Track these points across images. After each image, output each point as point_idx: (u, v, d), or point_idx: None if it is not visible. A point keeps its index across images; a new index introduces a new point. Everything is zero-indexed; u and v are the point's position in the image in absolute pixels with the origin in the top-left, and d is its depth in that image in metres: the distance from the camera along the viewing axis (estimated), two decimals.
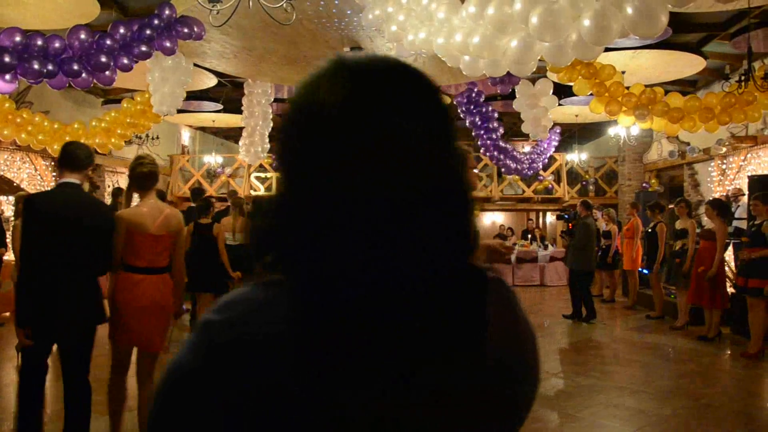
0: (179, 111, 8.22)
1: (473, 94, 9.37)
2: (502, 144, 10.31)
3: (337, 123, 0.61)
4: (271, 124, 9.69)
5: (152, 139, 11.90)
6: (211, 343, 0.60)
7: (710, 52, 8.15)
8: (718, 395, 4.74)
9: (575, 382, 5.15)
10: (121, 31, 5.78)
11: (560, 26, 3.65)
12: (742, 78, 6.17)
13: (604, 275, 10.19)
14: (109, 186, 11.18)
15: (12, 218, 8.02)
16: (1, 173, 8.99)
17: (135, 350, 3.26)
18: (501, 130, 10.01)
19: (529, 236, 13.70)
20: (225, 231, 6.27)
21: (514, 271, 12.18)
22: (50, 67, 5.62)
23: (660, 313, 8.35)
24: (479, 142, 10.09)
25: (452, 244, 0.63)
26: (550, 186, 13.66)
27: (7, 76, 5.56)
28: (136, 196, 3.31)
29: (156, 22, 5.74)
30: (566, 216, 8.76)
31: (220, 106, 11.37)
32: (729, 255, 7.72)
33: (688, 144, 10.67)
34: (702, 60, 8.07)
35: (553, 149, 11.90)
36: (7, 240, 6.98)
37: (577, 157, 13.73)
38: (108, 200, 8.86)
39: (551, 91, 8.52)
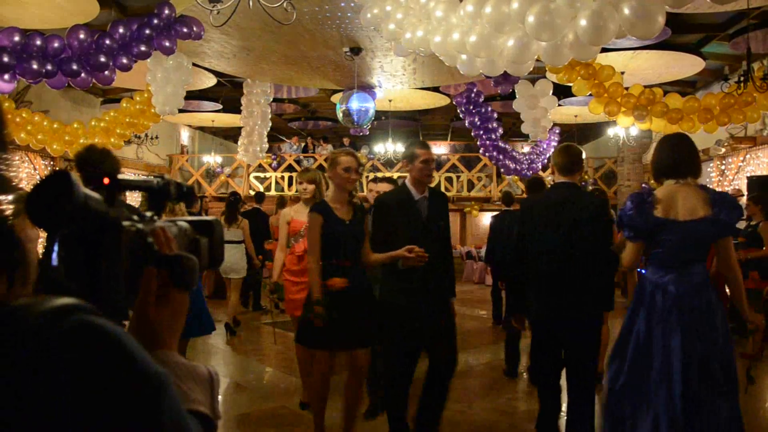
0: (178, 111, 8.23)
1: (472, 95, 9.37)
2: (501, 144, 10.31)
3: None
4: (270, 124, 9.70)
5: (151, 138, 11.90)
6: None
7: (709, 52, 8.15)
8: None
9: None
10: (121, 30, 5.78)
11: (557, 26, 3.66)
12: (741, 79, 6.16)
13: None
14: None
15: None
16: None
17: None
18: (500, 131, 10.01)
19: None
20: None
21: None
22: (49, 67, 5.62)
23: None
24: (478, 143, 10.09)
25: None
26: None
27: (6, 76, 5.56)
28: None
29: (155, 21, 5.74)
30: None
31: (219, 106, 11.37)
32: None
33: None
34: (701, 61, 8.07)
35: (552, 149, 11.88)
36: None
37: None
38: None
39: (551, 91, 8.53)
